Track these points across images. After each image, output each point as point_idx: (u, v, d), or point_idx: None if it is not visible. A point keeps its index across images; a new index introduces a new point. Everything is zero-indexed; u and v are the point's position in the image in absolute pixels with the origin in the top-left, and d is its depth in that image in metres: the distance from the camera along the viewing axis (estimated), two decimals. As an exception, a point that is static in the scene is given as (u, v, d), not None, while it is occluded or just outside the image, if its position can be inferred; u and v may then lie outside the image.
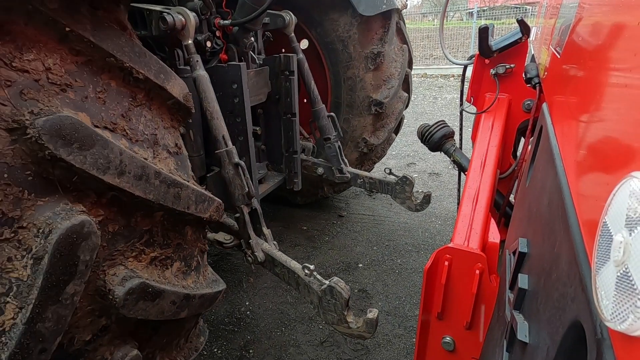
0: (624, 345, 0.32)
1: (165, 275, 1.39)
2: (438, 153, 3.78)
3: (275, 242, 2.34)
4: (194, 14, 2.09)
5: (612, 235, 0.32)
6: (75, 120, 1.03)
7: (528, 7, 19.94)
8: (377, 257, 3.89)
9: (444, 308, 1.71)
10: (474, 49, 14.53)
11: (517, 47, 2.06)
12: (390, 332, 2.98)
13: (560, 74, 1.11)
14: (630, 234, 0.29)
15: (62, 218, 1.00)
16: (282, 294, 3.40)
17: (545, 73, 1.58)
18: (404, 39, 3.87)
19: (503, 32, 16.10)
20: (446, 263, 1.66)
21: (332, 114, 3.38)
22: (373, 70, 3.64)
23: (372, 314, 1.94)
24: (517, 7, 20.16)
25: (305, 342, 2.90)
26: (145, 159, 1.26)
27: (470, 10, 16.88)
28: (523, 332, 0.74)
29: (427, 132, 2.98)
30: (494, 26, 2.16)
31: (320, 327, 3.05)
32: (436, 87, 12.73)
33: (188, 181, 1.44)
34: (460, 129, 2.84)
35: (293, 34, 3.10)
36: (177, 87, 1.45)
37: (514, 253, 1.20)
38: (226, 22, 2.53)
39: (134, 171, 1.17)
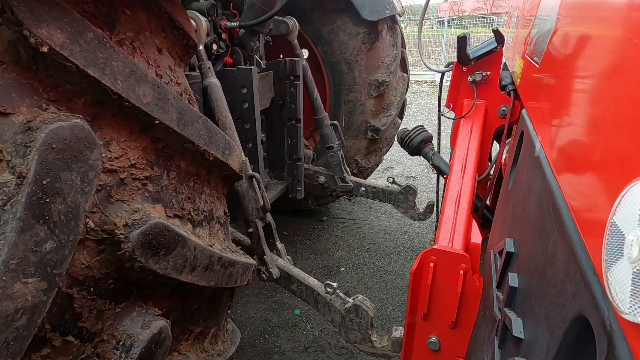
0: (637, 333, 0.34)
1: (204, 347, 1.41)
2: (414, 157, 3.88)
3: (289, 257, 2.25)
4: (205, 18, 2.02)
5: (623, 235, 0.35)
6: (162, 225, 1.02)
7: (494, 17, 20.89)
8: (359, 261, 3.92)
9: (430, 309, 1.75)
10: (445, 56, 15.03)
11: (492, 55, 2.16)
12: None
13: (539, 82, 1.17)
14: (646, 232, 0.31)
15: (142, 327, 1.00)
16: (264, 301, 3.36)
17: (521, 81, 1.66)
18: (405, 68, 3.97)
19: (473, 40, 16.70)
20: (431, 264, 1.69)
21: (335, 122, 3.35)
22: (375, 97, 3.69)
23: (398, 332, 1.91)
24: (483, 17, 21.07)
25: (289, 349, 2.88)
26: (210, 245, 1.28)
27: (441, 19, 17.47)
28: (518, 329, 0.78)
29: (407, 137, 3.05)
30: (469, 35, 2.26)
31: (304, 332, 3.03)
32: (410, 92, 13.06)
33: (235, 251, 1.48)
34: (438, 134, 2.93)
35: (296, 41, 3.04)
36: (236, 160, 1.45)
37: (499, 253, 1.25)
38: (234, 24, 2.43)
39: (202, 263, 1.18)
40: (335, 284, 1.94)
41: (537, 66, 1.22)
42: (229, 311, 1.67)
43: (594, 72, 0.74)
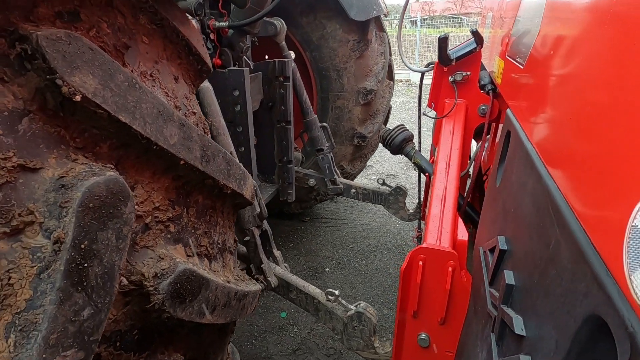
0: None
1: None
2: (392, 156, 3.92)
3: (286, 265, 2.21)
4: (192, 18, 1.93)
5: (649, 238, 0.36)
6: (189, 271, 0.99)
7: (463, 17, 21.52)
8: (343, 260, 3.93)
9: (419, 306, 1.77)
10: (418, 55, 15.32)
11: (472, 56, 2.22)
12: (361, 333, 3.02)
13: (525, 83, 1.21)
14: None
15: None
16: (249, 305, 3.32)
17: (502, 81, 1.71)
18: (391, 76, 4.02)
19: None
20: (420, 263, 1.71)
21: (325, 124, 3.32)
22: (363, 105, 3.71)
23: None
24: (454, 17, 21.66)
25: (277, 353, 2.85)
26: (228, 281, 1.26)
27: (414, 19, 17.82)
28: (519, 326, 0.79)
29: (389, 137, 3.08)
30: (448, 36, 2.30)
31: (292, 335, 3.01)
32: (385, 91, 13.28)
33: (244, 279, 1.48)
34: (419, 133, 2.97)
35: (284, 43, 2.98)
36: (249, 189, 1.43)
37: (490, 250, 1.28)
38: (223, 24, 2.33)
39: (222, 302, 1.17)
40: (337, 292, 1.93)
41: (522, 67, 1.25)
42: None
43: (585, 72, 0.77)
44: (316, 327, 3.06)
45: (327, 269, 3.80)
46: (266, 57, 3.63)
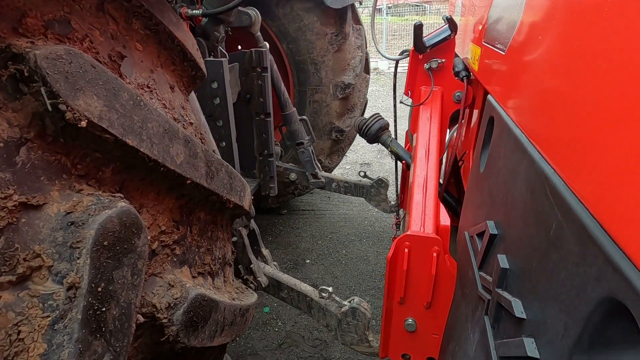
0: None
1: None
2: (366, 145, 3.94)
3: (275, 263, 2.17)
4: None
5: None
6: (201, 297, 0.93)
7: (426, 5, 21.85)
8: (323, 251, 3.94)
9: (405, 292, 1.79)
10: (385, 43, 15.42)
11: (446, 43, 2.24)
12: (345, 322, 3.04)
13: (508, 69, 1.22)
14: None
15: None
16: (230, 302, 3.26)
17: (480, 67, 1.73)
18: (367, 69, 4.00)
19: (408, 28, 17.40)
20: (406, 250, 1.73)
21: (304, 117, 3.25)
22: (340, 99, 3.67)
23: None
24: (417, 5, 21.94)
25: (262, 348, 2.82)
26: (233, 298, 1.23)
27: (380, 7, 17.87)
28: (519, 309, 0.81)
29: (365, 126, 3.08)
30: (423, 23, 2.31)
31: (276, 329, 2.99)
32: (354, 80, 13.32)
33: (242, 290, 1.47)
34: (395, 121, 2.99)
35: (259, 34, 2.85)
36: (248, 200, 1.38)
37: (478, 235, 1.31)
38: (196, 12, 2.19)
39: (229, 321, 1.14)
40: (330, 289, 1.92)
41: (503, 53, 1.26)
42: None
43: (574, 54, 0.77)
44: (300, 320, 3.06)
45: (308, 261, 3.79)
46: (239, 47, 3.50)
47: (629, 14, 0.59)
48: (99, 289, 0.66)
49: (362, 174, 3.42)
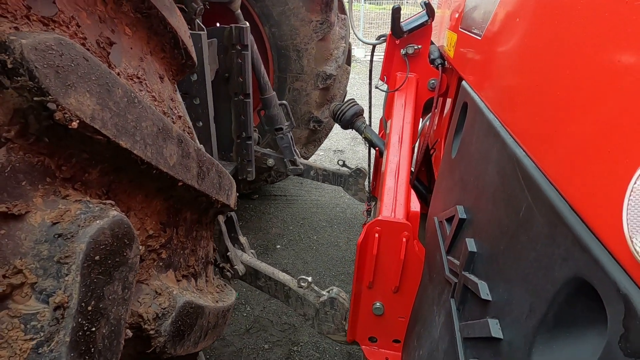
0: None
1: None
2: (340, 131, 3.92)
3: (253, 251, 2.11)
4: None
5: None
6: (188, 304, 0.88)
7: (403, -7, 21.84)
8: (294, 236, 3.92)
9: (374, 277, 1.80)
10: (363, 31, 15.33)
11: (423, 29, 2.22)
12: (314, 307, 3.06)
13: (483, 54, 1.22)
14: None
15: None
16: (197, 287, 3.18)
17: (455, 54, 1.73)
18: (349, 61, 3.93)
19: (385, 16, 17.38)
20: (376, 235, 1.73)
21: (284, 102, 3.13)
22: (321, 89, 3.59)
23: None
24: (396, -6, 21.89)
25: (230, 333, 2.78)
26: (216, 300, 1.22)
27: (358, -7, 17.69)
28: (485, 291, 0.81)
29: (339, 111, 3.04)
30: (401, 7, 2.28)
31: (244, 315, 2.96)
32: (330, 67, 13.22)
33: (221, 289, 1.44)
34: (369, 107, 2.97)
35: (240, 11, 2.68)
36: (234, 198, 1.33)
37: (447, 220, 1.32)
38: None
39: (212, 323, 1.08)
40: (309, 278, 1.91)
41: (479, 38, 1.26)
42: None
43: (550, 39, 0.77)
44: (269, 305, 3.04)
45: (279, 246, 3.76)
46: (217, 24, 3.34)
47: (592, 10, 0.59)
48: (89, 308, 0.61)
49: (340, 162, 3.40)
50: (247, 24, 2.75)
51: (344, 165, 3.38)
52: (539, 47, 0.82)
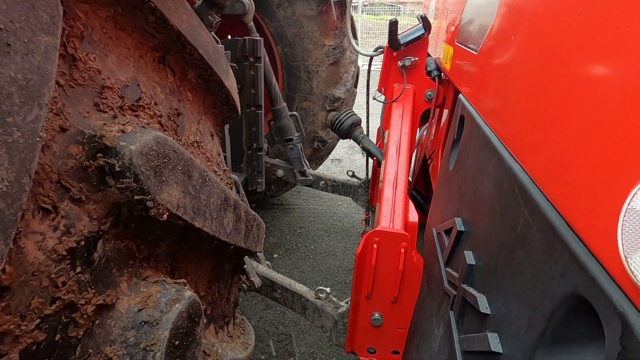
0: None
1: None
2: (338, 140, 3.95)
3: (268, 262, 2.10)
4: None
5: (650, 221, 0.36)
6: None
7: (401, 6, 22.24)
8: (291, 245, 3.91)
9: (373, 287, 1.80)
10: (360, 40, 15.51)
11: (420, 41, 2.26)
12: (311, 317, 3.04)
13: (479, 69, 1.24)
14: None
15: None
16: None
17: (452, 67, 1.76)
18: (356, 84, 3.99)
19: (382, 26, 17.63)
20: (375, 246, 1.74)
21: (295, 113, 3.15)
22: (328, 111, 3.64)
23: None
24: (392, 5, 22.28)
25: (226, 343, 2.76)
26: (245, 346, 1.24)
27: (355, 4, 17.96)
28: (484, 305, 0.82)
29: (337, 121, 3.07)
30: (398, 20, 2.32)
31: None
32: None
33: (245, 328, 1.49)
34: (367, 117, 3.00)
35: (252, 24, 2.70)
36: (263, 241, 1.37)
37: (446, 232, 1.33)
38: None
39: None
40: (328, 289, 1.88)
41: (475, 53, 1.28)
42: None
43: (544, 56, 0.79)
44: (266, 315, 3.02)
45: (276, 255, 3.75)
46: (229, 37, 3.38)
47: (585, 29, 0.61)
48: None
49: (350, 173, 3.40)
50: (258, 36, 2.78)
51: (353, 175, 3.37)
52: (530, 67, 0.84)
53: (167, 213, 0.67)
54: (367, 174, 3.19)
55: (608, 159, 0.48)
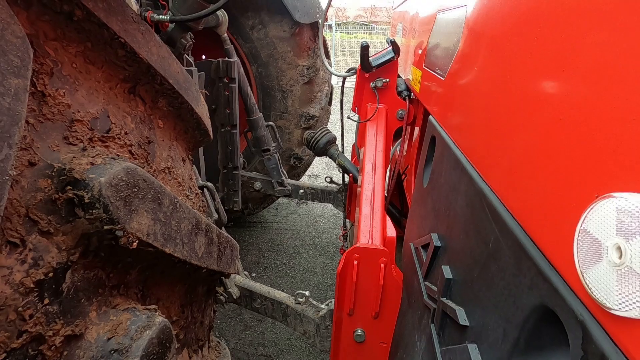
0: (621, 324, 0.41)
1: None
2: (314, 157, 4.02)
3: (246, 272, 2.05)
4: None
5: (599, 242, 0.42)
6: None
7: (373, 24, 23.07)
8: (270, 264, 3.88)
9: (355, 303, 1.83)
10: (334, 58, 15.91)
11: (390, 64, 2.38)
12: (291, 335, 3.01)
13: (447, 94, 1.33)
14: (628, 241, 0.38)
15: None
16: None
17: (421, 90, 1.86)
18: (330, 101, 4.10)
19: (356, 44, 18.19)
20: (355, 262, 1.78)
21: (271, 123, 3.17)
22: (303, 129, 3.71)
23: None
24: (364, 24, 23.07)
25: None
26: None
27: (329, 23, 18.46)
28: (462, 317, 0.87)
29: (313, 139, 3.13)
30: (369, 44, 2.43)
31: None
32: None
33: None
34: (342, 135, 3.08)
35: (226, 35, 2.71)
36: (237, 263, 1.40)
37: (423, 247, 1.39)
38: (163, 17, 1.97)
39: None
40: (307, 292, 1.86)
41: (443, 79, 1.38)
42: None
43: (506, 83, 0.87)
44: (245, 336, 2.96)
45: (254, 274, 3.70)
46: (202, 56, 3.40)
47: (544, 55, 0.69)
48: None
49: (328, 179, 3.43)
50: (232, 48, 2.80)
51: (331, 181, 3.40)
52: (493, 91, 0.92)
53: (137, 241, 0.69)
54: (343, 191, 3.25)
55: (562, 182, 0.55)
